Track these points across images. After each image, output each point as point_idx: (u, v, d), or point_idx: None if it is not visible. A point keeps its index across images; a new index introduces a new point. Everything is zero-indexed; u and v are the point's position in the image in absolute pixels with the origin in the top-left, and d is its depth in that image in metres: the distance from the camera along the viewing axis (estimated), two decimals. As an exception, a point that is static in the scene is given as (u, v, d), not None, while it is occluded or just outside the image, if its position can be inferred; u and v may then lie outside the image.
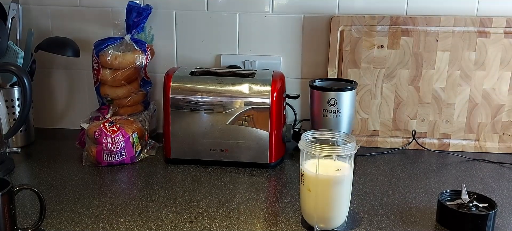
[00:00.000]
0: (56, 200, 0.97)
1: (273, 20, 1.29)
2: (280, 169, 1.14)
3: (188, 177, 1.09)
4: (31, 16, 1.33)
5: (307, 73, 1.32)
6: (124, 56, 1.24)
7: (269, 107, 1.10)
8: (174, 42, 1.33)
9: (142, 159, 1.19)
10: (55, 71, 1.39)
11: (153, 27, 1.32)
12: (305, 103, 1.27)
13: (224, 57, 1.32)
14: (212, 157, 1.13)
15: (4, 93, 1.19)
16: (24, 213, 0.90)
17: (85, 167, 1.14)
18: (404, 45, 1.22)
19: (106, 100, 1.28)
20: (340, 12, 1.26)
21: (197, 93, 1.12)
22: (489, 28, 1.19)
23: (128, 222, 0.89)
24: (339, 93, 1.10)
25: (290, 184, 1.07)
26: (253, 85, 1.11)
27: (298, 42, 1.30)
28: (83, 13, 1.33)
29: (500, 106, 1.24)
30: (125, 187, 1.08)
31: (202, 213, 0.93)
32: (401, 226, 0.88)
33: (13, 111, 1.23)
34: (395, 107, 1.26)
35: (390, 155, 1.24)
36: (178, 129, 1.13)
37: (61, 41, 1.27)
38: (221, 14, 1.30)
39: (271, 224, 0.89)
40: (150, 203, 0.96)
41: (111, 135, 1.12)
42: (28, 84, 1.07)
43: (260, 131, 1.11)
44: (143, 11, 1.24)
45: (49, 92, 1.41)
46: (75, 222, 0.88)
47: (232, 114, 1.11)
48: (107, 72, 1.24)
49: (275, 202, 0.99)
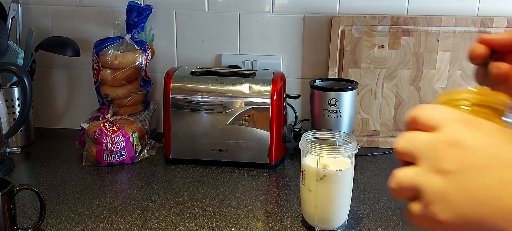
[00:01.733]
0: (56, 200, 0.97)
1: (273, 20, 1.29)
2: (280, 169, 1.14)
3: (188, 177, 1.09)
4: (31, 16, 1.33)
5: (308, 73, 1.31)
6: (124, 56, 1.23)
7: (270, 107, 1.10)
8: (175, 42, 1.33)
9: (142, 159, 1.18)
10: (55, 71, 1.39)
11: (154, 27, 1.32)
12: (305, 103, 1.27)
13: (225, 57, 1.32)
14: (212, 157, 1.13)
15: (4, 93, 1.19)
16: (24, 213, 0.90)
17: (85, 167, 1.14)
18: (404, 45, 1.22)
19: (106, 100, 1.27)
20: (341, 12, 1.26)
21: (198, 93, 1.11)
22: (490, 28, 1.19)
23: (128, 222, 0.89)
24: (340, 93, 1.10)
25: (290, 184, 1.07)
26: (253, 85, 1.11)
27: (298, 42, 1.30)
28: (83, 13, 1.33)
29: (501, 106, 1.23)
30: (125, 187, 1.07)
31: (202, 213, 0.93)
32: (402, 226, 0.88)
33: (13, 111, 1.23)
34: (396, 107, 1.26)
35: (391, 155, 1.24)
36: (178, 129, 1.13)
37: (61, 41, 1.27)
38: (222, 14, 1.30)
39: (271, 225, 0.89)
40: (150, 203, 0.96)
41: (111, 134, 1.12)
42: (28, 84, 1.07)
43: (260, 131, 1.11)
44: (144, 11, 1.24)
45: (49, 92, 1.41)
46: (75, 222, 0.88)
47: (233, 114, 1.11)
48: (107, 72, 1.24)
49: (276, 202, 0.99)
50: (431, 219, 0.36)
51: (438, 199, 0.36)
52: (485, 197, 0.34)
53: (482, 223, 0.34)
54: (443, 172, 0.36)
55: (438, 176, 0.36)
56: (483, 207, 0.34)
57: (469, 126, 0.37)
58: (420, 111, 0.39)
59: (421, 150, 0.38)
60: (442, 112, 0.39)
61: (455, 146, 0.36)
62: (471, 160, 0.35)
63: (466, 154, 0.35)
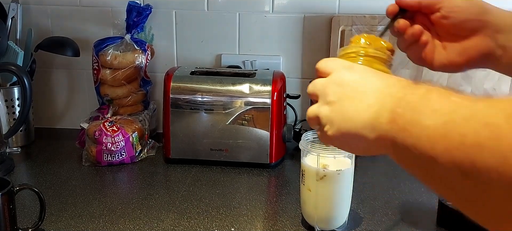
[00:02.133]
0: (56, 200, 0.97)
1: (273, 20, 1.29)
2: (280, 169, 1.14)
3: (188, 177, 1.09)
4: (31, 16, 1.33)
5: (308, 73, 1.31)
6: (124, 56, 1.23)
7: (270, 107, 1.10)
8: (174, 42, 1.33)
9: (142, 158, 1.18)
10: (55, 71, 1.38)
11: (153, 26, 1.32)
12: (305, 103, 1.27)
13: (224, 57, 1.32)
14: (212, 156, 1.13)
15: (4, 93, 1.19)
16: (24, 213, 0.90)
17: (85, 166, 1.14)
18: (404, 45, 1.22)
19: (106, 100, 1.27)
20: (341, 12, 1.26)
21: (197, 93, 1.11)
22: None
23: (128, 222, 0.89)
24: (340, 93, 1.10)
25: (290, 184, 1.07)
26: (253, 85, 1.11)
27: (298, 42, 1.30)
28: (83, 13, 1.33)
29: (500, 106, 1.23)
30: (125, 187, 1.07)
31: (202, 213, 0.93)
32: (402, 226, 0.88)
33: (13, 111, 1.23)
34: (396, 107, 1.26)
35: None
36: (178, 129, 1.13)
37: (61, 41, 1.27)
38: (221, 14, 1.30)
39: (271, 224, 0.89)
40: (150, 203, 0.96)
41: (111, 134, 1.12)
42: (28, 84, 1.07)
43: (260, 131, 1.11)
44: (143, 11, 1.24)
45: (49, 92, 1.41)
46: (75, 222, 0.88)
47: (233, 114, 1.10)
48: (107, 72, 1.24)
49: (276, 202, 0.99)
50: (326, 137, 0.51)
51: (326, 121, 0.50)
52: (353, 116, 0.47)
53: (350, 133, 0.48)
54: (329, 102, 0.50)
55: (327, 106, 0.50)
56: (352, 123, 0.47)
57: (349, 70, 0.51)
58: (319, 63, 0.54)
59: (319, 90, 0.52)
60: (333, 63, 0.53)
61: (338, 84, 0.50)
62: (346, 93, 0.49)
63: (343, 88, 0.49)
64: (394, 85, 0.46)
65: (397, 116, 0.42)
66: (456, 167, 0.35)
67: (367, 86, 0.48)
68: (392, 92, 0.45)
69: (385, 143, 0.44)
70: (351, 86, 0.49)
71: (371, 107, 0.45)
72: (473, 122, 0.35)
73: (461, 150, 0.35)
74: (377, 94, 0.46)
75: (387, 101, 0.44)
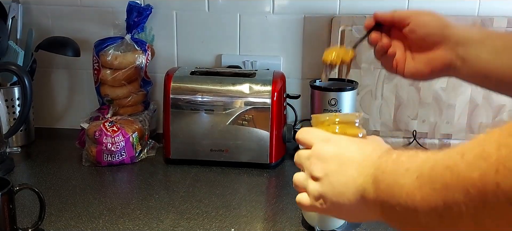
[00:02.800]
0: (56, 200, 0.97)
1: (273, 20, 1.29)
2: (280, 169, 1.14)
3: (188, 177, 1.09)
4: (31, 16, 1.33)
5: (308, 73, 1.31)
6: (124, 56, 1.23)
7: (270, 108, 1.10)
8: (175, 42, 1.33)
9: (142, 159, 1.18)
10: (55, 71, 1.39)
11: (154, 27, 1.32)
12: (305, 104, 1.27)
13: (225, 57, 1.32)
14: (212, 157, 1.13)
15: (4, 93, 1.19)
16: (24, 213, 0.90)
17: (85, 167, 1.14)
18: (405, 46, 1.22)
19: (106, 100, 1.27)
20: (341, 13, 1.26)
21: (198, 93, 1.11)
22: (491, 28, 1.19)
23: (128, 222, 0.89)
24: (340, 93, 1.10)
25: (290, 184, 1.06)
26: (253, 85, 1.11)
27: (298, 43, 1.30)
28: (83, 13, 1.33)
29: (501, 106, 1.23)
30: (125, 187, 1.07)
31: (202, 213, 0.92)
32: (402, 226, 0.88)
33: (13, 111, 1.23)
34: (396, 108, 1.26)
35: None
36: (178, 129, 1.13)
37: (61, 40, 1.27)
38: (222, 14, 1.30)
39: (271, 225, 0.89)
40: (150, 203, 0.96)
41: (111, 135, 1.12)
42: (28, 84, 1.07)
43: (260, 131, 1.11)
44: (144, 11, 1.24)
45: (49, 92, 1.41)
46: (75, 222, 0.88)
47: (233, 115, 1.10)
48: (107, 72, 1.24)
49: (276, 203, 0.99)
50: (317, 208, 0.53)
51: (318, 197, 0.52)
52: (343, 190, 0.50)
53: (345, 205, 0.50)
54: (317, 178, 0.52)
55: (315, 182, 0.52)
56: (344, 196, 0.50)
57: (327, 143, 0.53)
58: (299, 134, 0.57)
59: (304, 163, 0.55)
60: (311, 135, 0.55)
61: (321, 160, 0.52)
62: (330, 168, 0.51)
63: (327, 164, 0.51)
64: (370, 156, 0.49)
65: (379, 183, 0.46)
66: (433, 210, 0.40)
67: (347, 159, 0.51)
68: (369, 164, 0.48)
69: (374, 208, 0.47)
70: (333, 161, 0.51)
71: (356, 180, 0.49)
72: (437, 168, 0.40)
73: (434, 195, 0.40)
74: (357, 167, 0.49)
75: (368, 172, 0.48)
